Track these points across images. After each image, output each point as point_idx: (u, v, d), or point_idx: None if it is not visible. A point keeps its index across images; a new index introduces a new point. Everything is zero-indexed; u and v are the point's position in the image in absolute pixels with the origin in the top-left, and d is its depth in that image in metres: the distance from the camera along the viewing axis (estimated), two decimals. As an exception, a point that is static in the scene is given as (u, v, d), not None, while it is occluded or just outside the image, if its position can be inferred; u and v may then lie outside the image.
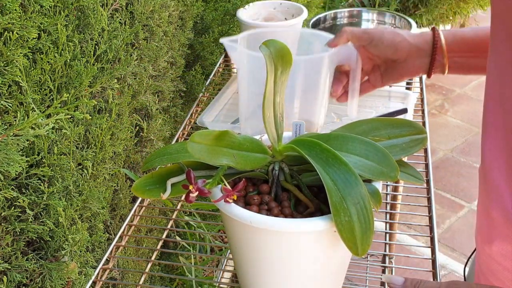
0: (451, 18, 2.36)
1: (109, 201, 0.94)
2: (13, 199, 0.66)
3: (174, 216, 0.92)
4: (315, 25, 1.18)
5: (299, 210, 0.55)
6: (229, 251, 1.34)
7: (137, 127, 1.04)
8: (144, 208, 0.92)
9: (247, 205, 0.55)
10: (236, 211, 0.52)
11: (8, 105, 0.63)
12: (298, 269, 0.55)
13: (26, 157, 0.64)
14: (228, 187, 0.53)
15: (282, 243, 0.53)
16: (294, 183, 0.57)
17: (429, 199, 0.85)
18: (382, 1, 2.33)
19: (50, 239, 0.72)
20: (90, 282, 0.76)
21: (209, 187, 0.52)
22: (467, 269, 0.82)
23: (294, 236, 0.52)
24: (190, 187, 0.50)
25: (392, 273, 0.89)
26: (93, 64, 0.82)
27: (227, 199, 0.52)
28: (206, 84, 1.25)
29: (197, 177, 0.52)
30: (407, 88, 1.21)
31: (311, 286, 0.59)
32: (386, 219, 0.91)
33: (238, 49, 0.80)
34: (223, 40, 0.83)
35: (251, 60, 0.80)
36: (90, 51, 0.80)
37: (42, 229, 0.70)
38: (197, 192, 0.51)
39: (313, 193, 0.57)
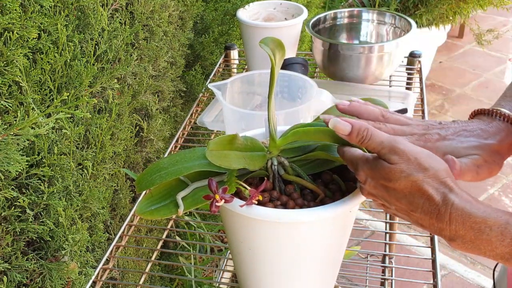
0: (451, 18, 2.36)
1: (109, 201, 0.94)
2: (13, 199, 0.66)
3: (174, 216, 0.92)
4: (315, 25, 1.18)
5: (308, 199, 0.56)
6: (229, 251, 1.34)
7: (137, 127, 1.04)
8: (144, 208, 0.92)
9: (259, 204, 0.55)
10: (260, 212, 0.52)
11: (8, 105, 0.63)
12: (312, 256, 0.57)
13: (26, 157, 0.64)
14: (248, 188, 0.53)
15: (308, 233, 0.54)
16: (294, 174, 0.57)
17: (429, 199, 0.85)
18: (382, 1, 2.33)
19: (50, 239, 0.72)
20: (90, 282, 0.76)
21: (228, 193, 0.52)
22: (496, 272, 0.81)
23: (325, 222, 0.54)
24: (216, 197, 0.50)
25: (392, 274, 0.89)
26: (93, 64, 0.82)
27: (253, 200, 0.52)
28: (207, 84, 1.25)
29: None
30: (407, 88, 1.21)
31: (321, 271, 0.60)
32: (386, 219, 0.91)
33: (222, 102, 0.86)
34: (211, 86, 0.88)
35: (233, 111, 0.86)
36: (90, 51, 0.80)
37: (42, 229, 0.70)
38: (223, 201, 0.51)
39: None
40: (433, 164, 0.46)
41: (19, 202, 0.66)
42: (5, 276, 0.65)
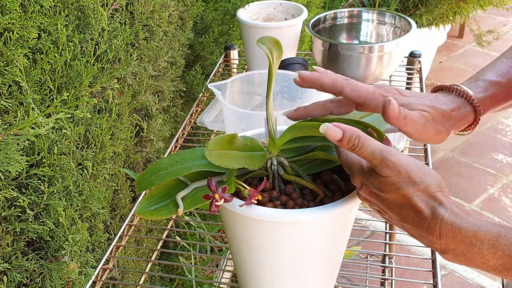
0: (451, 18, 2.36)
1: (109, 201, 0.94)
2: (13, 199, 0.66)
3: (174, 216, 0.92)
4: (315, 25, 1.18)
5: (307, 199, 0.56)
6: (229, 251, 1.34)
7: (137, 127, 1.04)
8: (144, 208, 0.92)
9: (258, 204, 0.55)
10: (260, 211, 0.52)
11: (8, 105, 0.63)
12: (312, 256, 0.57)
13: (26, 156, 0.64)
14: (248, 188, 0.53)
15: (308, 233, 0.54)
16: (294, 174, 0.57)
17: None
18: (382, 1, 2.33)
19: (50, 239, 0.72)
20: (90, 282, 0.76)
21: (228, 193, 0.52)
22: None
23: (325, 222, 0.54)
24: (216, 196, 0.50)
25: (392, 274, 0.89)
26: (93, 64, 0.82)
27: (253, 200, 0.52)
28: (207, 84, 1.25)
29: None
30: (407, 88, 1.21)
31: (321, 271, 0.60)
32: (386, 219, 0.91)
33: (222, 102, 0.86)
34: (211, 86, 0.87)
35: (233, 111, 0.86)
36: (90, 51, 0.80)
37: (42, 229, 0.70)
38: (223, 200, 0.51)
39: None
40: (424, 178, 0.46)
41: (19, 202, 0.66)
42: (5, 276, 0.65)
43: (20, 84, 0.65)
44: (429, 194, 0.45)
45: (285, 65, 1.05)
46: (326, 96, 0.87)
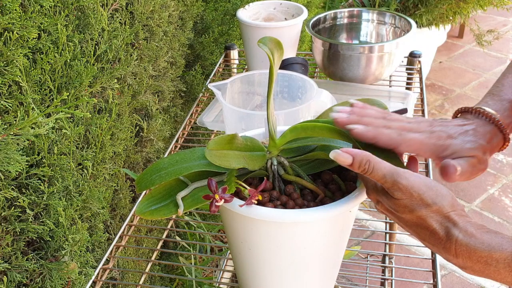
0: (451, 18, 2.36)
1: (109, 201, 0.94)
2: (13, 199, 0.66)
3: (174, 216, 0.92)
4: (315, 25, 1.18)
5: (307, 199, 0.56)
6: (229, 251, 1.34)
7: (137, 127, 1.04)
8: (144, 208, 0.91)
9: (259, 204, 0.55)
10: (260, 211, 0.52)
11: (8, 105, 0.63)
12: (312, 256, 0.57)
13: (26, 156, 0.64)
14: (248, 188, 0.53)
15: (308, 233, 0.54)
16: (294, 174, 0.57)
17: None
18: (382, 1, 2.33)
19: (50, 239, 0.72)
20: (90, 282, 0.76)
21: (228, 193, 0.52)
22: None
23: (325, 222, 0.54)
24: (216, 196, 0.50)
25: (392, 274, 0.89)
26: (93, 64, 0.82)
27: (253, 200, 0.52)
28: (207, 84, 1.25)
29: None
30: (407, 88, 1.21)
31: (320, 271, 0.60)
32: (386, 219, 0.91)
33: (222, 102, 0.86)
34: (211, 86, 0.87)
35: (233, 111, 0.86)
36: (90, 51, 0.80)
37: (42, 229, 0.70)
38: (223, 200, 0.51)
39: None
40: (436, 199, 0.46)
41: (19, 202, 0.66)
42: (5, 276, 0.65)
43: (20, 84, 0.65)
44: (443, 215, 0.46)
45: (285, 65, 1.05)
46: (328, 96, 0.87)
